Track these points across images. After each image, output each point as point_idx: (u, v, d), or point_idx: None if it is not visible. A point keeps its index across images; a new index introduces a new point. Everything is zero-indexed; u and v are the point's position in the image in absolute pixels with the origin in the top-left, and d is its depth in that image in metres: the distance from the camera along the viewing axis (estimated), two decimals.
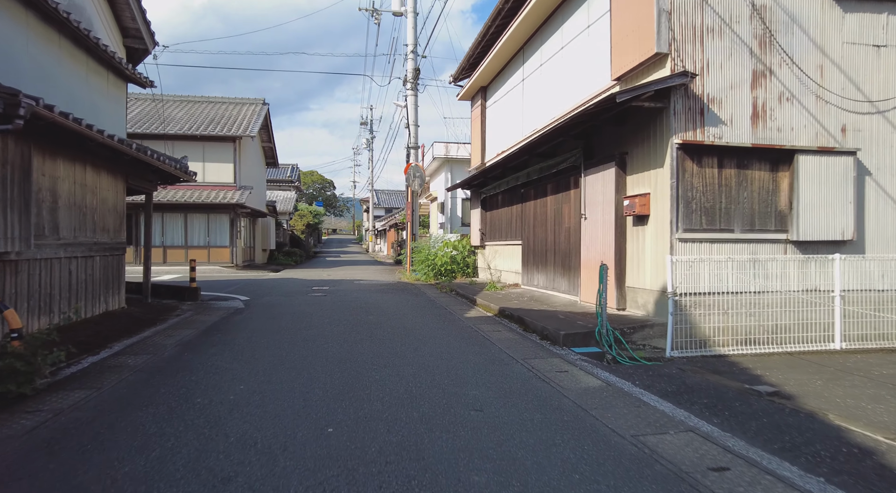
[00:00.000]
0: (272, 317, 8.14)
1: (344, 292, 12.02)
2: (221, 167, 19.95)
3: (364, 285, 13.67)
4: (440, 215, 18.38)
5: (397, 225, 30.83)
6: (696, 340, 5.80)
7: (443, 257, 14.39)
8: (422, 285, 13.89)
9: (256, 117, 21.58)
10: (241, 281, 15.11)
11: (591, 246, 7.82)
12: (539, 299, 9.00)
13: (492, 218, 13.65)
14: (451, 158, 17.46)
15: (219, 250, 19.51)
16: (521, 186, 11.09)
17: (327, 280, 15.34)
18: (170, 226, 19.33)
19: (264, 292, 11.89)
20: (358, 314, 8.36)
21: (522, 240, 11.18)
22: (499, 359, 5.36)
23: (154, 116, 20.50)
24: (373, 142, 51.34)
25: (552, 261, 9.62)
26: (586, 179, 8.03)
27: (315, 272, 19.34)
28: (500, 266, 12.65)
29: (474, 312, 8.77)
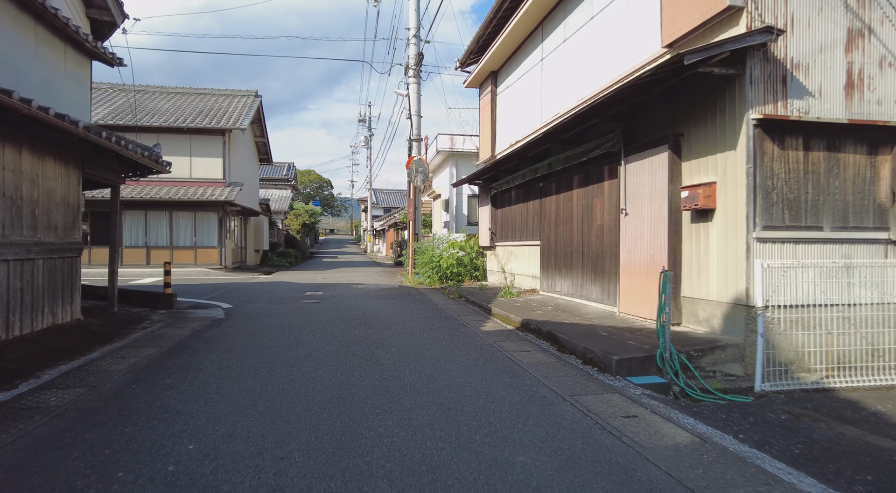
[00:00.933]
0: (254, 331, 6.87)
1: (340, 298, 10.75)
2: (210, 162, 18.66)
3: (362, 290, 12.40)
4: (444, 214, 17.12)
5: (397, 225, 29.56)
6: (786, 367, 4.55)
7: (448, 259, 13.12)
8: (426, 289, 12.63)
9: (248, 110, 20.29)
10: (227, 285, 13.82)
11: (635, 247, 6.56)
12: (566, 309, 7.74)
13: (503, 216, 12.39)
14: (456, 151, 16.18)
15: (206, 250, 18.22)
16: (540, 179, 9.84)
17: (322, 284, 14.06)
18: (154, 225, 18.02)
19: (250, 299, 10.61)
20: (355, 328, 7.09)
21: (541, 240, 9.93)
22: (539, 396, 4.10)
23: (138, 107, 19.20)
24: (371, 140, 50.08)
25: (579, 264, 8.37)
26: (627, 168, 6.77)
27: (309, 275, 18.06)
28: (514, 269, 11.39)
29: (491, 324, 7.51)
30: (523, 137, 10.85)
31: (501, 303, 8.75)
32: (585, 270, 8.15)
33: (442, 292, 11.90)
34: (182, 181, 18.38)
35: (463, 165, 16.29)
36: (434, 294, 11.49)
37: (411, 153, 15.23)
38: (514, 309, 7.97)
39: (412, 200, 15.08)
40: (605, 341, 5.43)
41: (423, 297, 10.98)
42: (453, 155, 16.32)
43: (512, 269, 11.44)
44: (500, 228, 12.56)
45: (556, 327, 6.24)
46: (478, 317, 8.14)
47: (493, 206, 12.84)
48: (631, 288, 6.63)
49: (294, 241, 31.70)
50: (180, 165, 18.36)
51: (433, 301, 10.19)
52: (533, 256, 10.40)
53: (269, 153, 25.74)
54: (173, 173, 18.63)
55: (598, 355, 4.98)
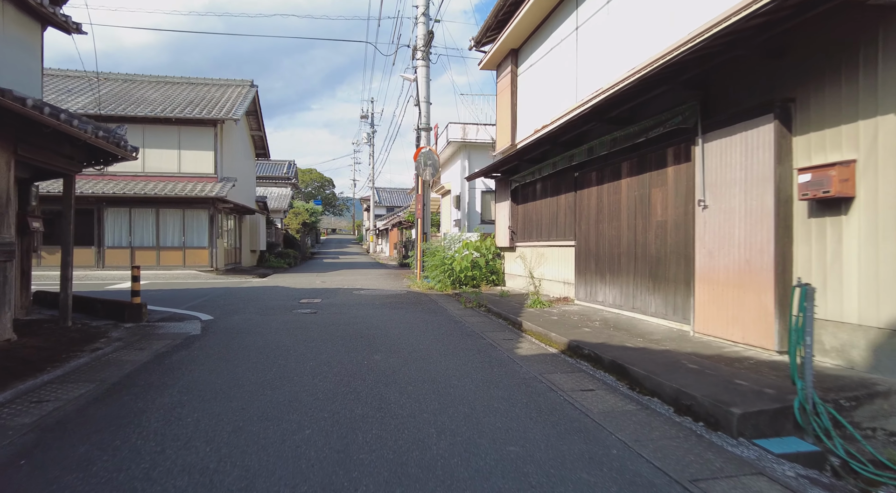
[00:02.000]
0: (230, 355, 5.42)
1: (340, 307, 9.29)
2: (200, 156, 17.23)
3: (366, 297, 10.94)
4: (455, 211, 15.67)
5: (401, 223, 28.11)
6: None
7: (462, 262, 11.66)
8: (437, 295, 11.17)
9: (242, 100, 18.85)
10: (214, 290, 12.38)
11: (719, 248, 5.08)
12: (619, 326, 6.27)
13: (526, 213, 10.92)
14: (468, 142, 14.71)
15: (196, 251, 16.79)
16: (576, 167, 8.37)
17: (321, 289, 12.61)
18: (139, 223, 16.60)
19: (237, 308, 9.17)
20: (357, 350, 5.64)
21: (576, 240, 8.45)
22: (643, 483, 2.63)
23: (123, 97, 17.78)
24: (374, 136, 48.70)
25: (630, 269, 6.90)
26: (706, 148, 5.30)
27: (308, 278, 16.62)
28: (541, 273, 9.92)
29: (527, 345, 6.04)
30: (552, 121, 9.39)
31: (533, 315, 7.29)
32: (640, 276, 6.68)
33: (456, 299, 10.44)
34: (170, 176, 16.96)
35: (476, 158, 14.83)
36: (448, 302, 10.02)
37: (419, 144, 13.77)
38: (551, 324, 6.51)
39: (420, 196, 13.62)
40: (699, 378, 3.96)
41: (435, 306, 9.52)
42: (465, 146, 14.85)
43: (538, 273, 9.97)
44: (522, 226, 11.09)
45: (622, 355, 4.77)
46: (507, 334, 6.67)
47: (514, 201, 11.37)
48: (712, 302, 5.16)
49: (293, 241, 30.27)
50: (168, 158, 16.97)
51: (448, 311, 8.73)
52: (565, 258, 8.93)
53: (267, 148, 24.31)
54: (160, 167, 17.27)
55: (701, 403, 3.50)
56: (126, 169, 16.56)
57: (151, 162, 16.82)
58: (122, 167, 16.48)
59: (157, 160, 16.87)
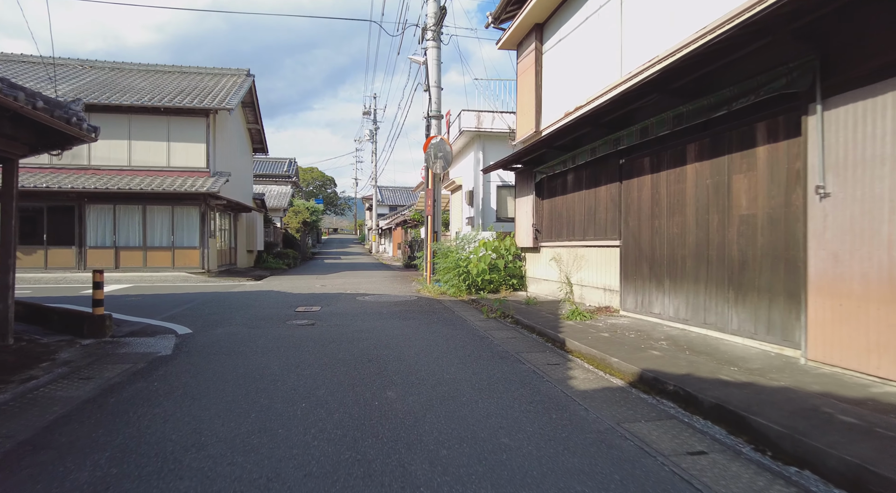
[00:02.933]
0: (198, 390, 4.15)
1: (341, 317, 8.01)
2: (191, 148, 15.96)
3: (371, 304, 9.66)
4: (467, 208, 14.40)
5: (406, 222, 26.80)
6: None
7: (480, 264, 10.37)
8: (451, 302, 9.88)
9: (237, 89, 17.58)
10: (202, 296, 11.11)
11: (854, 250, 3.79)
12: (695, 348, 4.97)
13: (554, 208, 9.62)
14: (483, 131, 13.39)
15: (186, 252, 15.52)
16: (622, 153, 7.08)
17: (320, 295, 11.33)
18: (124, 221, 15.33)
19: (223, 318, 7.90)
20: (364, 383, 4.35)
21: (621, 239, 7.16)
22: None
23: (108, 85, 16.52)
24: (376, 133, 47.44)
25: (701, 274, 5.60)
26: (828, 116, 4.00)
27: (307, 281, 15.35)
28: (576, 279, 8.62)
29: (580, 372, 4.75)
30: (589, 101, 8.10)
31: (575, 331, 6.00)
32: (714, 284, 5.38)
33: (475, 307, 9.14)
34: (158, 170, 15.69)
35: (492, 149, 13.55)
36: (465, 310, 8.73)
37: (429, 133, 12.48)
38: (604, 344, 5.22)
39: (431, 191, 12.33)
40: (876, 444, 2.66)
41: (452, 315, 8.22)
42: (480, 136, 13.55)
43: (571, 277, 8.67)
44: (549, 223, 9.79)
45: (725, 394, 3.47)
46: (550, 356, 5.37)
47: (538, 196, 10.07)
48: (840, 321, 3.86)
49: (293, 240, 29.00)
50: (156, 151, 15.71)
51: (469, 323, 7.44)
52: (605, 260, 7.63)
53: (265, 142, 23.04)
54: (148, 161, 16.00)
55: None
56: (110, 162, 15.32)
57: (138, 155, 15.57)
58: (106, 160, 15.26)
59: (145, 153, 15.61)
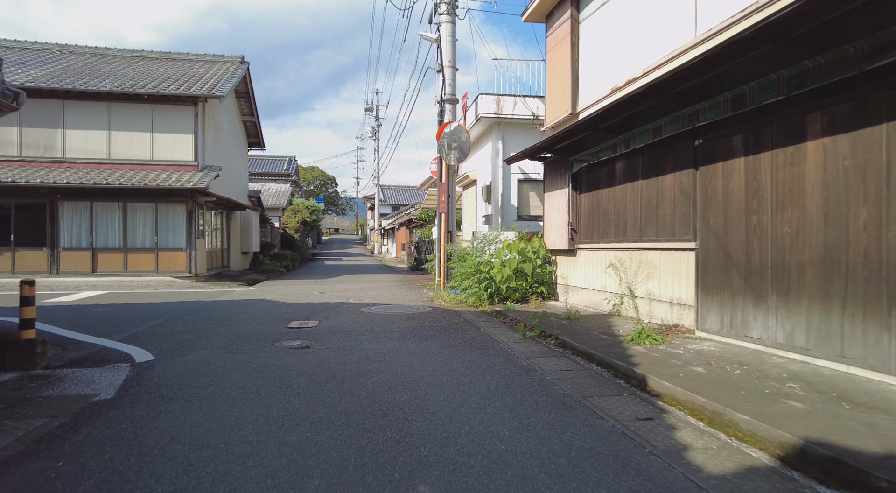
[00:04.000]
0: (126, 472, 2.66)
1: (343, 337, 6.53)
2: (177, 140, 14.49)
3: (379, 318, 8.17)
4: (484, 205, 12.90)
5: (411, 222, 25.33)
6: None
7: (505, 270, 8.88)
8: (472, 314, 8.39)
9: (230, 76, 16.12)
10: (183, 306, 9.63)
11: None
12: (854, 396, 3.47)
13: (596, 203, 8.13)
14: (504, 118, 11.82)
15: (172, 254, 14.03)
16: (698, 132, 5.59)
17: (319, 305, 9.84)
18: (102, 220, 13.84)
19: (198, 338, 6.42)
20: (381, 467, 2.86)
21: (698, 239, 5.67)
22: None
23: (89, 71, 15.06)
24: (379, 130, 45.95)
25: (836, 289, 4.10)
26: None
27: (305, 286, 13.87)
28: (627, 288, 7.13)
29: (691, 437, 3.25)
30: (646, 71, 6.62)
31: (652, 362, 4.51)
32: (865, 303, 3.88)
33: (503, 321, 7.66)
34: (141, 164, 14.21)
35: (513, 138, 12.05)
36: (493, 326, 7.25)
37: (443, 119, 11.00)
38: (706, 385, 3.73)
39: (445, 185, 10.83)
40: None
41: (479, 334, 6.73)
42: (499, 123, 12.02)
43: (623, 287, 7.18)
44: (590, 221, 8.30)
45: None
46: (633, 404, 3.87)
47: (575, 189, 8.58)
48: None
49: (292, 241, 27.52)
50: (139, 143, 14.24)
51: (504, 346, 5.95)
52: (673, 266, 6.14)
53: (261, 136, 21.57)
54: (130, 154, 14.51)
55: None
56: (88, 155, 13.86)
57: (119, 147, 14.09)
58: (82, 153, 13.82)
59: (126, 145, 14.14)
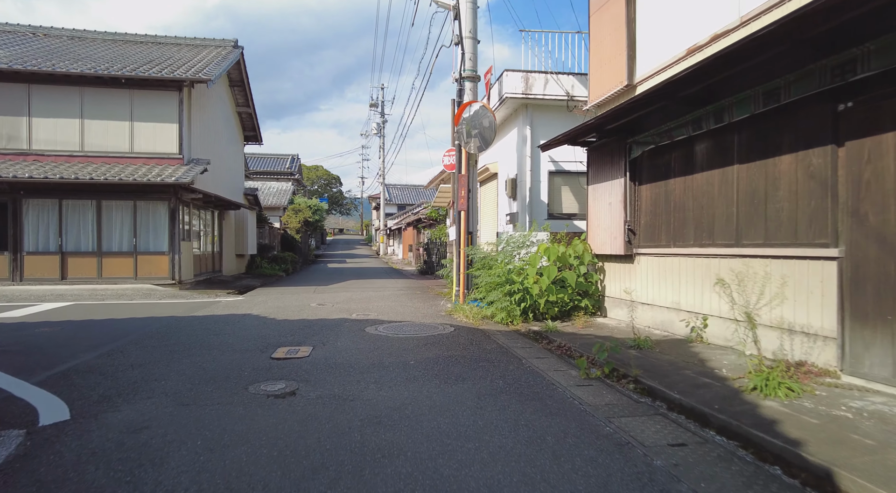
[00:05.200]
0: None
1: (342, 376, 4.86)
2: (159, 130, 12.88)
3: (388, 344, 6.52)
4: (507, 202, 11.20)
5: (420, 221, 23.67)
6: None
7: (544, 280, 7.21)
8: (505, 335, 6.72)
9: (220, 60, 14.53)
10: (148, 324, 8.00)
11: None
12: None
13: (665, 196, 6.45)
14: (534, 99, 10.03)
15: (152, 258, 12.43)
16: (844, 91, 3.90)
17: (315, 323, 8.19)
18: (73, 220, 12.26)
19: (147, 377, 4.77)
20: None
21: (845, 245, 3.99)
22: None
23: (63, 54, 13.49)
24: (384, 127, 44.36)
25: None
26: None
27: (302, 296, 12.24)
28: (716, 307, 5.44)
29: None
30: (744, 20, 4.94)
31: (823, 440, 2.84)
32: None
33: (545, 346, 5.98)
34: (119, 157, 12.61)
35: (543, 122, 10.35)
36: (537, 355, 5.57)
37: (462, 100, 9.34)
38: None
39: (465, 178, 9.17)
40: None
41: (523, 370, 5.05)
42: (527, 106, 10.29)
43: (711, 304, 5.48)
44: (654, 219, 6.62)
45: None
46: None
47: (634, 179, 6.91)
48: None
49: (292, 242, 25.92)
50: (116, 133, 12.64)
51: (565, 394, 4.27)
52: (797, 281, 4.45)
53: (258, 130, 19.96)
54: (106, 145, 12.77)
55: None
56: (57, 147, 12.28)
57: (93, 138, 12.49)
58: (51, 144, 12.23)
59: (101, 135, 12.54)
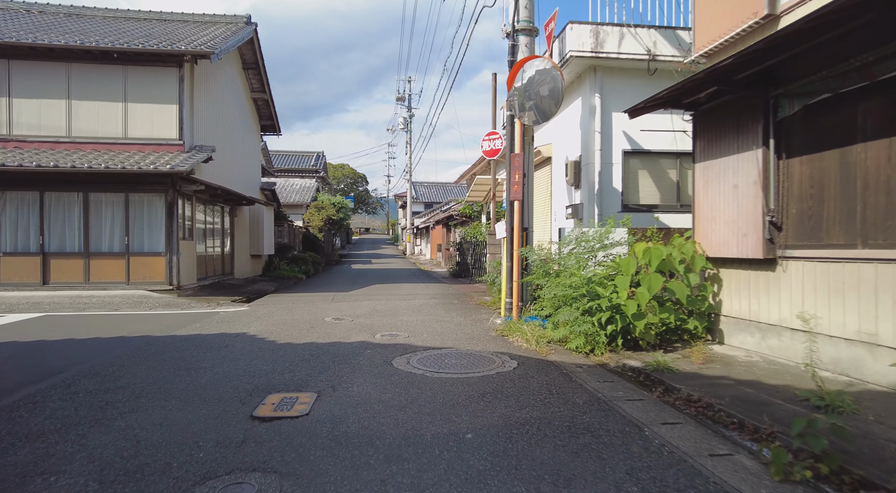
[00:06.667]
0: None
1: (354, 466, 2.86)
2: (157, 112, 11.21)
3: (426, 393, 4.49)
4: (568, 192, 8.98)
5: (451, 218, 21.65)
6: None
7: (642, 294, 5.09)
8: (589, 372, 4.63)
9: (229, 35, 12.82)
10: (107, 349, 6.17)
11: None
12: None
13: (836, 175, 4.24)
14: (605, 58, 7.71)
15: (147, 260, 10.76)
16: None
17: (326, 349, 6.24)
18: (57, 216, 10.68)
19: (37, 466, 2.86)
20: None
21: None
22: None
23: (49, 27, 11.96)
24: (411, 121, 42.57)
25: None
26: None
27: (317, 305, 10.36)
28: None
29: None
30: None
31: None
32: None
33: (665, 397, 3.86)
34: (110, 143, 10.98)
35: (615, 90, 8.12)
36: (671, 425, 3.45)
37: (515, 58, 7.28)
38: None
39: (520, 158, 7.07)
40: None
41: (657, 456, 2.96)
42: (595, 69, 8.03)
43: None
44: (817, 208, 4.43)
45: None
46: None
47: (780, 150, 4.72)
48: None
49: (314, 241, 24.25)
50: (108, 116, 11.01)
51: None
52: None
53: (275, 119, 18.27)
54: (95, 130, 10.59)
55: None
56: (41, 132, 10.70)
57: (81, 122, 10.89)
58: (33, 128, 10.66)
59: (91, 119, 10.93)
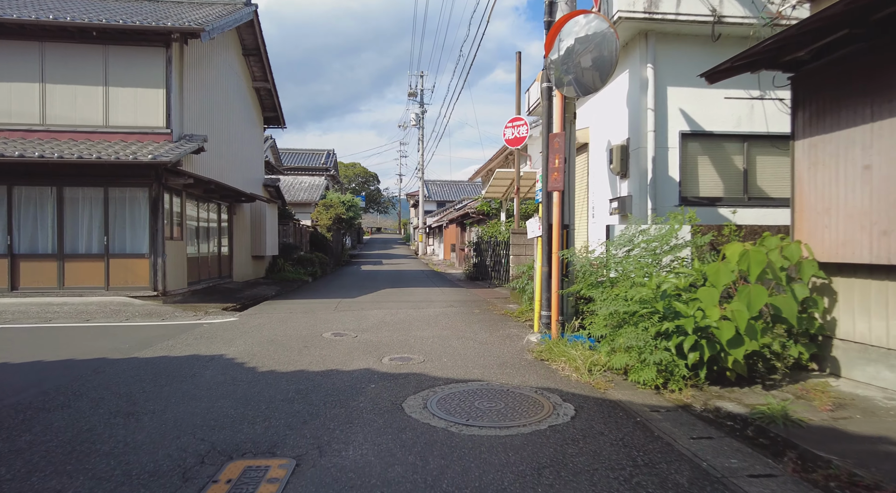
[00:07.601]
0: None
1: None
2: (141, 97, 10.04)
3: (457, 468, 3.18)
4: (612, 182, 7.48)
5: (467, 216, 20.31)
6: None
7: (739, 309, 3.73)
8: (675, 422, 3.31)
9: (225, 14, 11.63)
10: (38, 385, 4.94)
11: None
12: None
13: None
14: (660, 20, 6.21)
15: (129, 262, 9.60)
16: None
17: (318, 379, 4.96)
18: (27, 213, 9.56)
19: None
20: None
21: None
22: None
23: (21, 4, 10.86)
24: (423, 117, 41.29)
25: None
26: None
27: (317, 316, 9.10)
28: None
29: None
30: None
31: None
32: None
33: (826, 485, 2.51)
34: (89, 131, 9.82)
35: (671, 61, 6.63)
36: None
37: (554, 18, 5.95)
38: None
39: (561, 138, 5.69)
40: None
41: None
42: (646, 35, 6.37)
43: None
44: None
45: None
46: None
47: None
48: None
49: (323, 241, 23.07)
50: (87, 101, 9.85)
51: None
52: None
53: (279, 110, 17.08)
54: (73, 117, 8.96)
55: None
56: (11, 119, 9.57)
57: (57, 108, 9.75)
58: (3, 116, 9.56)
59: (68, 105, 9.78)
